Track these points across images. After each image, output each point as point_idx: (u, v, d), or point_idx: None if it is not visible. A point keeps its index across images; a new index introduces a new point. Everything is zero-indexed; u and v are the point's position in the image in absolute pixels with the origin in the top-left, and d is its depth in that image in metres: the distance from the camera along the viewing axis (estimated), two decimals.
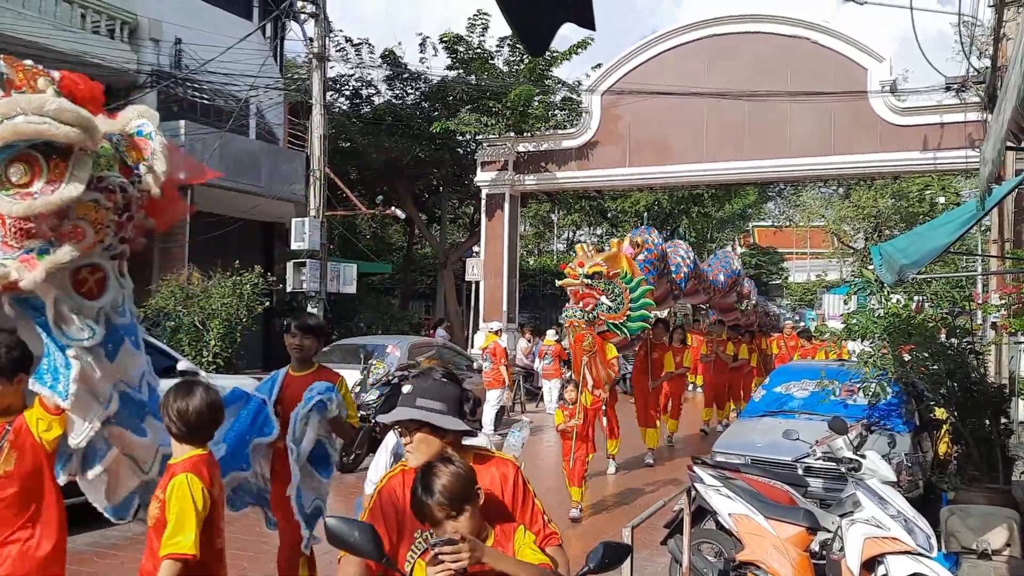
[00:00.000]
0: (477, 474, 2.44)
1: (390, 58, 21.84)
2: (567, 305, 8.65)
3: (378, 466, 4.18)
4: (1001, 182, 8.84)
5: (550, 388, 15.34)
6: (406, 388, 2.60)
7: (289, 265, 15.17)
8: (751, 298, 16.91)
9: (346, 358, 12.16)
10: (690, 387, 17.69)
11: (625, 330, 8.86)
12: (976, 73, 14.37)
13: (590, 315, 8.42)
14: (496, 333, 14.14)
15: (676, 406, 12.56)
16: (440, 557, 2.14)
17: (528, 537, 2.41)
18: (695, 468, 5.65)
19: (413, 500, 2.33)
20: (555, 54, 20.65)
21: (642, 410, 11.19)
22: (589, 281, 8.59)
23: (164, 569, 2.81)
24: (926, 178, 26.57)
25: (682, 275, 11.38)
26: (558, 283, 9.17)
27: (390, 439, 3.89)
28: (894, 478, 5.26)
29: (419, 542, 2.42)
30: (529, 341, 18.05)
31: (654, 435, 11.08)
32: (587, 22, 1.75)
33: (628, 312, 8.79)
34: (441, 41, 20.96)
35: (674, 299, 11.68)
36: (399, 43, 22.57)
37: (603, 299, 8.59)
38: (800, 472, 6.31)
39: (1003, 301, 9.46)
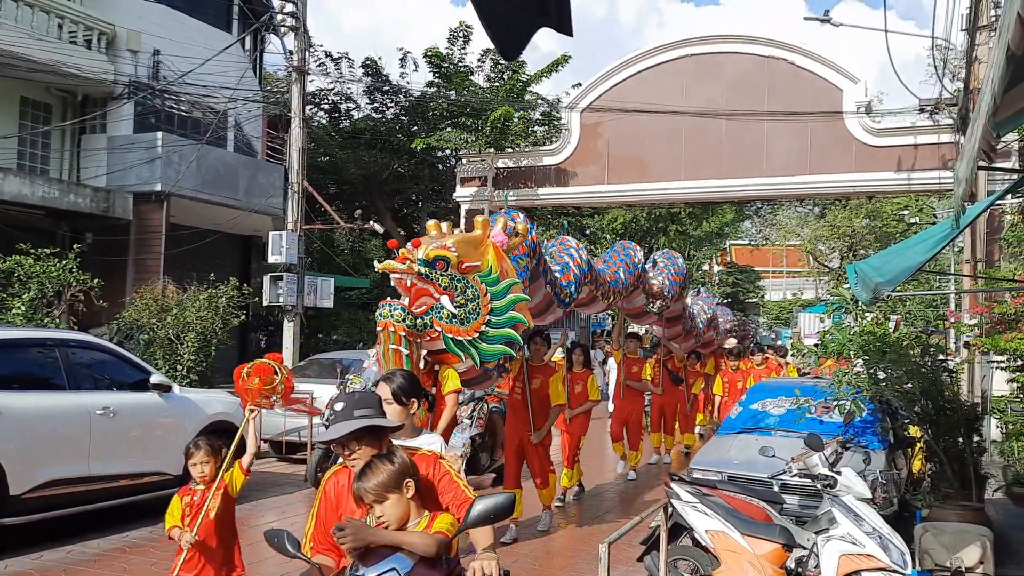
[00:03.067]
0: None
1: (371, 68, 21.85)
2: (384, 301, 5.88)
3: None
4: (974, 202, 8.98)
5: None
6: (339, 405, 3.00)
7: (266, 279, 15.07)
8: (692, 303, 13.45)
9: (322, 373, 12.08)
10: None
11: (474, 353, 5.92)
12: (949, 95, 14.60)
13: (418, 322, 5.74)
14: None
15: (572, 453, 9.29)
16: (337, 540, 2.64)
17: (445, 519, 2.82)
18: (672, 484, 5.64)
19: (353, 487, 2.83)
20: (527, 72, 20.76)
21: (511, 462, 7.87)
22: (425, 271, 5.81)
23: None
24: (904, 198, 26.90)
25: (571, 277, 7.98)
26: (377, 266, 6.04)
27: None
28: (869, 495, 5.28)
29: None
30: None
31: (521, 500, 7.58)
32: (565, 28, 1.75)
33: (483, 327, 5.95)
34: (425, 56, 21.00)
35: (563, 307, 7.94)
36: (379, 57, 22.55)
37: (444, 301, 5.84)
38: (776, 489, 6.32)
39: (975, 320, 9.60)
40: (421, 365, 5.92)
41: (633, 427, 11.07)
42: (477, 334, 5.92)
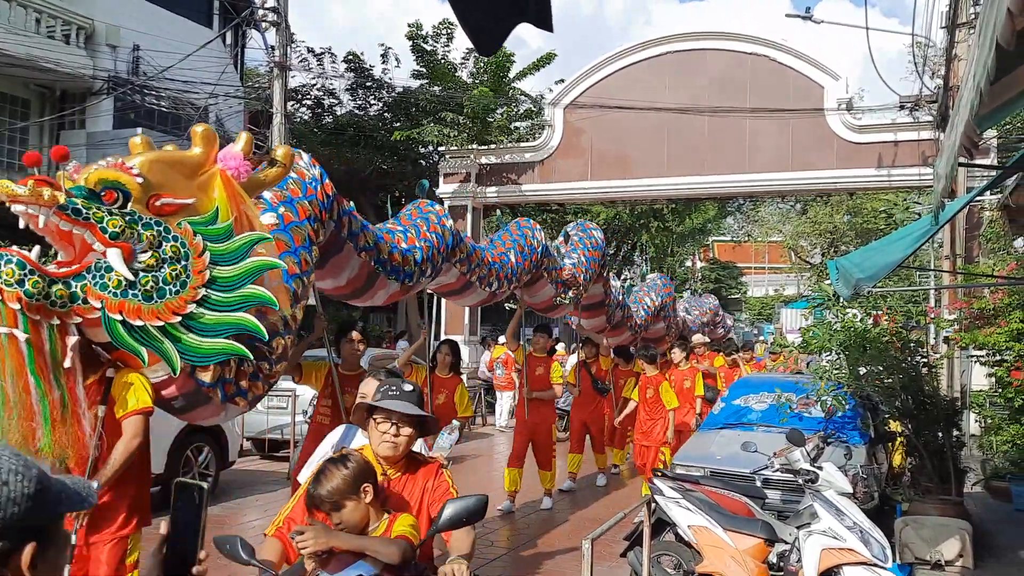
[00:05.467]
0: (406, 472, 3.02)
1: (353, 62, 21.79)
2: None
3: (319, 457, 3.57)
4: (953, 198, 9.06)
5: (501, 401, 15.70)
6: (407, 386, 3.03)
7: None
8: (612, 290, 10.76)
9: None
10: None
11: (169, 348, 3.52)
12: (929, 92, 14.72)
13: (56, 289, 3.27)
14: (504, 345, 14.54)
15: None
16: (296, 545, 2.55)
17: (405, 520, 2.77)
18: (655, 480, 5.66)
19: (307, 494, 2.73)
20: (510, 61, 20.72)
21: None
22: (78, 205, 3.30)
23: None
24: (892, 196, 27.10)
25: (416, 241, 5.95)
26: None
27: (333, 435, 3.81)
28: (850, 489, 5.32)
29: None
30: None
31: None
32: (545, 24, 1.74)
33: (191, 306, 3.55)
34: (409, 38, 20.93)
35: (403, 280, 5.79)
36: (361, 52, 22.46)
37: (112, 257, 3.39)
38: (758, 484, 6.35)
39: (954, 316, 9.69)
40: (68, 363, 3.29)
41: (541, 444, 8.81)
42: (178, 318, 3.48)
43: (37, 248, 3.39)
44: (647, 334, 11.89)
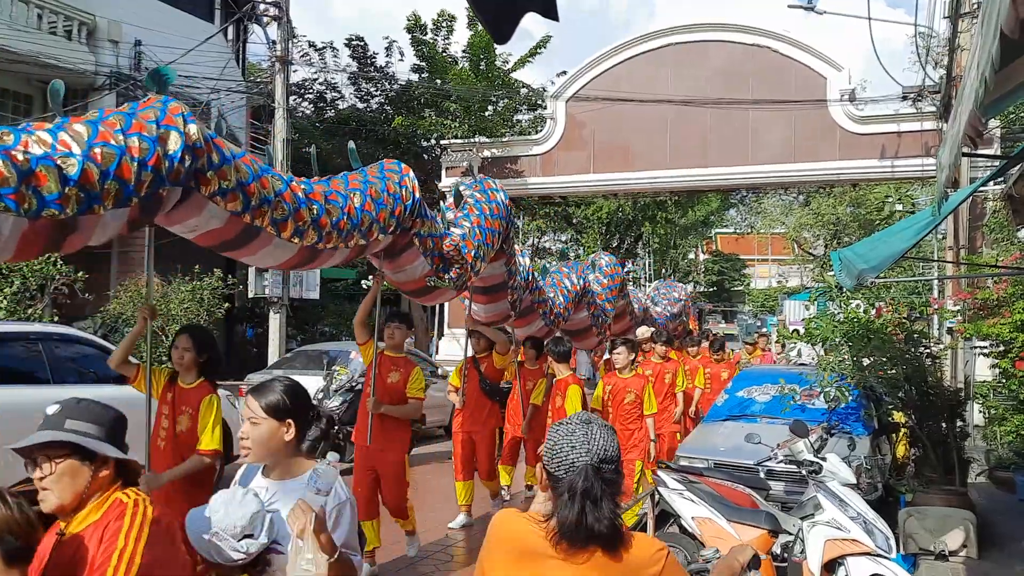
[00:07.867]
0: (92, 524, 2.17)
1: (357, 48, 21.79)
2: None
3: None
4: (957, 189, 9.04)
5: None
6: (51, 409, 2.24)
7: (251, 270, 15.00)
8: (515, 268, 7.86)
9: (309, 364, 12.05)
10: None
11: None
12: (932, 83, 14.68)
13: None
14: None
15: None
16: None
17: None
18: (659, 472, 5.67)
19: None
20: (509, 58, 20.71)
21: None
22: None
23: None
24: (887, 187, 27.04)
25: (66, 147, 3.18)
26: None
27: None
28: (854, 480, 5.32)
29: None
30: None
31: None
32: (550, 13, 1.77)
33: None
34: (408, 30, 20.92)
35: (42, 219, 3.08)
36: (363, 44, 22.55)
37: None
38: (762, 475, 6.36)
39: (958, 307, 9.68)
40: None
41: (389, 477, 6.12)
42: None
43: None
44: (567, 326, 9.25)
